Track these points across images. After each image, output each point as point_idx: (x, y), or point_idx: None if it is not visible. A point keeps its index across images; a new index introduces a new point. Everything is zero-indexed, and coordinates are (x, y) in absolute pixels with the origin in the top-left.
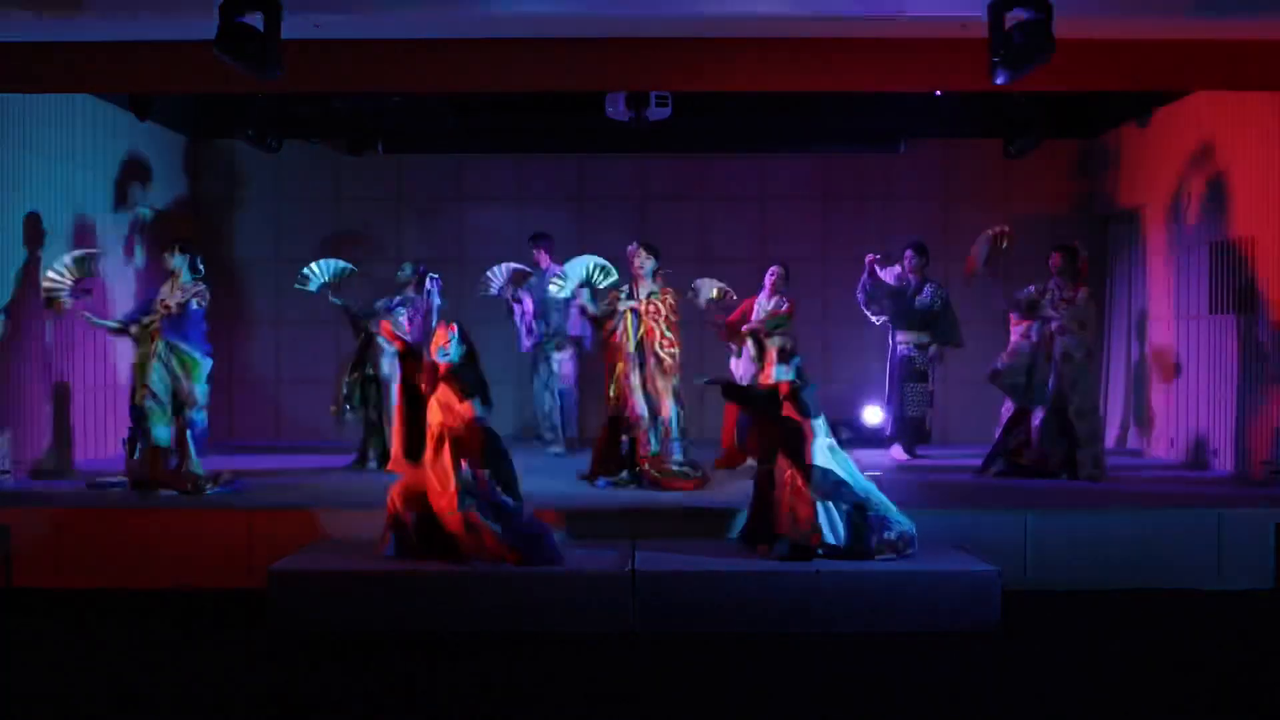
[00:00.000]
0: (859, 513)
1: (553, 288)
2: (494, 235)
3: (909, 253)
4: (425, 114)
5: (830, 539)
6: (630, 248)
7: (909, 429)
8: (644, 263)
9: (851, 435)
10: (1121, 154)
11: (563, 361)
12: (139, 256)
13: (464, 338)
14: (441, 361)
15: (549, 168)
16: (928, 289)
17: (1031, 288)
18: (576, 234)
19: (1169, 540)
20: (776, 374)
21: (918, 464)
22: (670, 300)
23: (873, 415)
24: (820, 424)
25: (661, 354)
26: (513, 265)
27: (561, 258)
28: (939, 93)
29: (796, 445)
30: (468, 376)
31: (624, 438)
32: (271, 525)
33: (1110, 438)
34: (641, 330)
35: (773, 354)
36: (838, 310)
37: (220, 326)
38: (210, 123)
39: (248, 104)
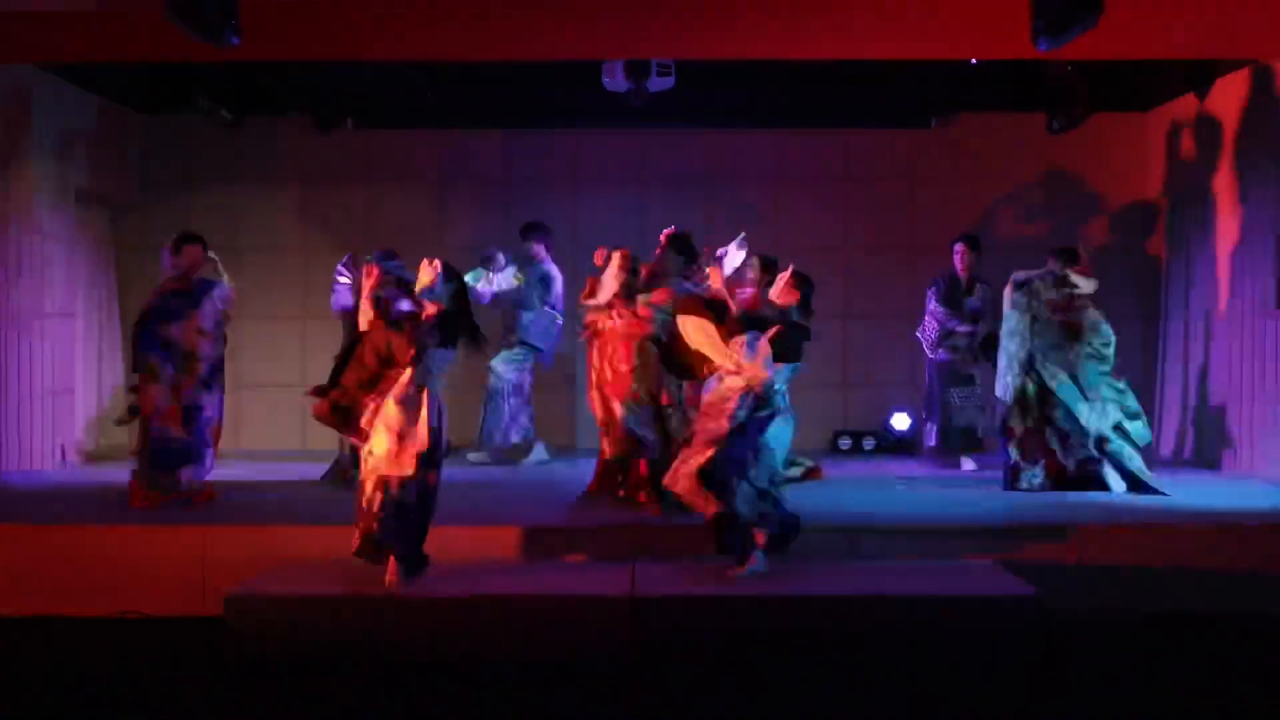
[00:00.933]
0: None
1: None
2: (478, 219)
3: (960, 247)
4: (401, 86)
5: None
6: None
7: (958, 439)
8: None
9: (876, 444)
10: (1178, 130)
11: (509, 366)
12: None
13: (451, 274)
14: (430, 302)
15: (539, 145)
16: (980, 290)
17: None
18: (570, 219)
19: (1233, 559)
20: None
21: (959, 474)
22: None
23: (900, 421)
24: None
25: None
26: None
27: (558, 244)
28: (974, 61)
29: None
30: (447, 324)
31: None
32: (229, 545)
33: (1166, 448)
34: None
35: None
36: (859, 304)
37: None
38: (161, 96)
39: (203, 75)
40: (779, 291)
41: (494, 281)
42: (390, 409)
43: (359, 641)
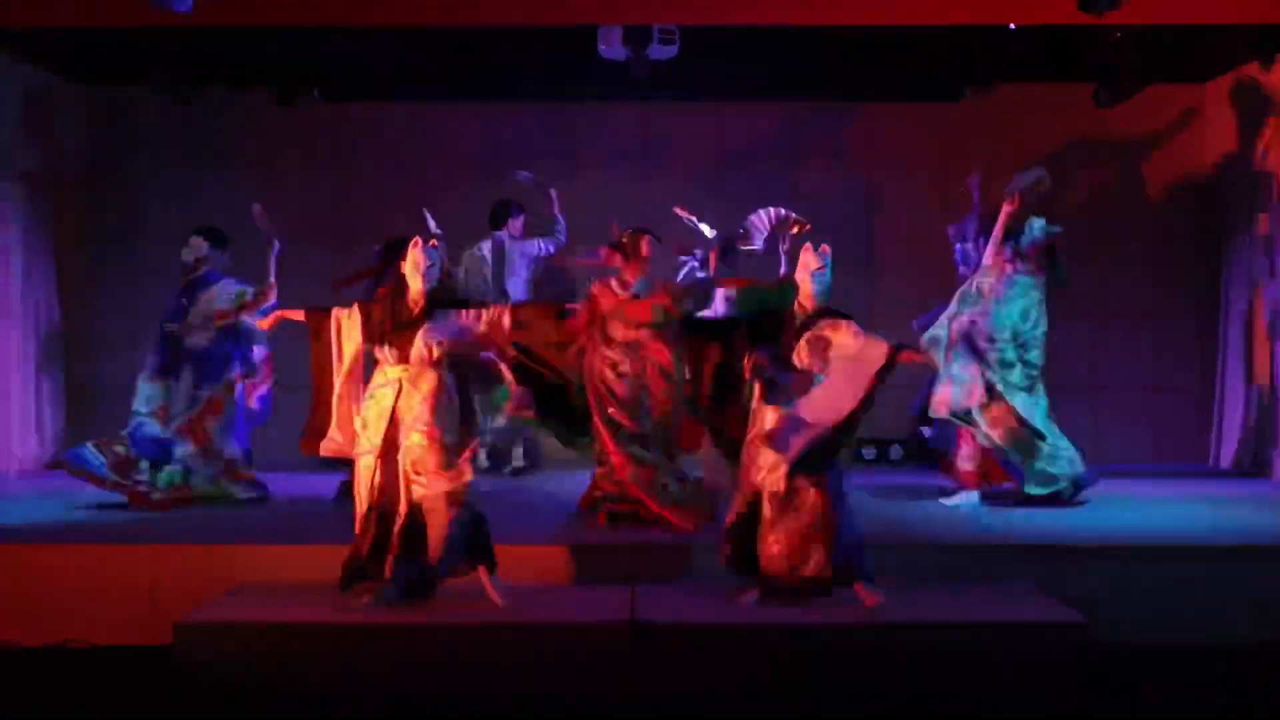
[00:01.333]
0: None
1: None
2: (458, 202)
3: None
4: (373, 54)
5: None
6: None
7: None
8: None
9: (904, 453)
10: (1240, 102)
11: None
12: None
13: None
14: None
15: (527, 119)
16: None
17: None
18: (565, 199)
19: None
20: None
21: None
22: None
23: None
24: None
25: None
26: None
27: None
28: (1012, 26)
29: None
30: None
31: None
32: (180, 566)
33: (1226, 457)
34: None
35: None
36: (883, 296)
37: (121, 321)
38: (106, 67)
39: (153, 43)
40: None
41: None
42: (422, 416)
43: (326, 673)
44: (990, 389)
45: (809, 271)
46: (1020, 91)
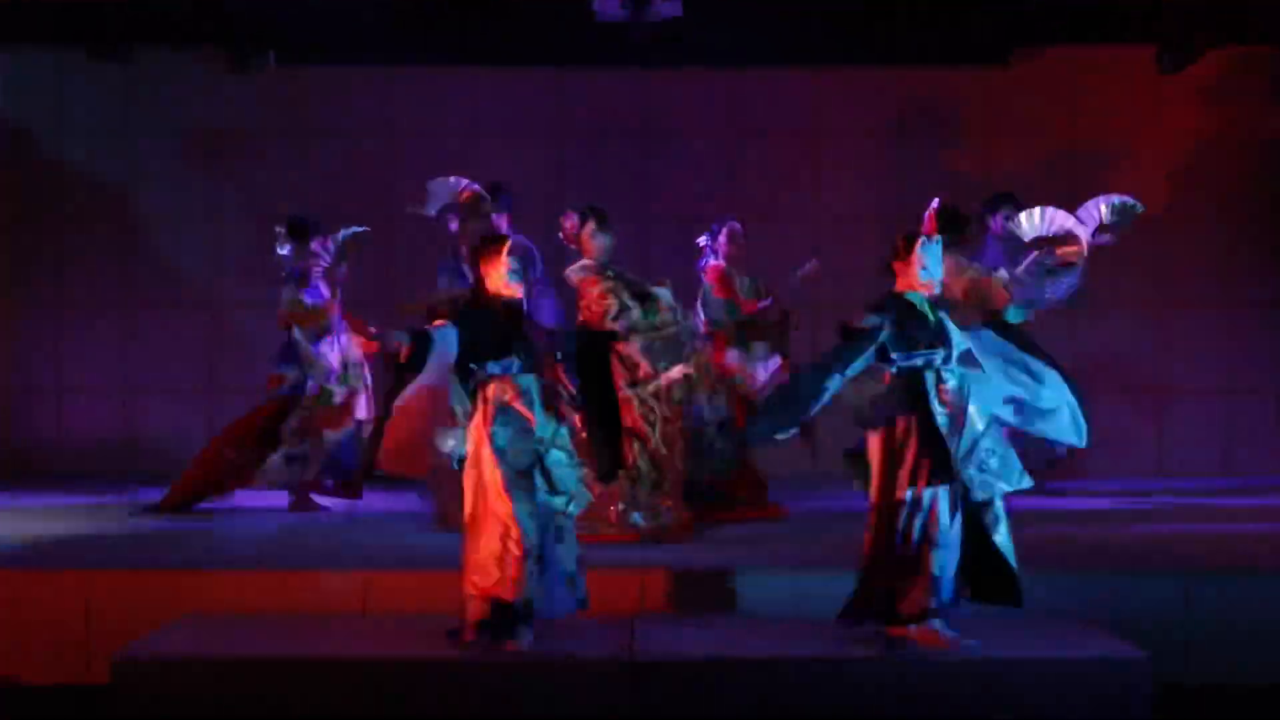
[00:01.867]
0: None
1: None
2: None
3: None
4: (337, 12)
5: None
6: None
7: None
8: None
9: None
10: None
11: None
12: None
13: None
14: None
15: (513, 87)
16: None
17: None
18: (556, 180)
19: None
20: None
21: (1045, 505)
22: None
23: None
24: None
25: None
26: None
27: (536, 215)
28: None
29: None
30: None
31: None
32: (119, 594)
33: None
34: None
35: None
36: None
37: (45, 314)
38: (27, 23)
39: None
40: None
41: None
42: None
43: (287, 714)
44: None
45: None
46: (1073, 55)
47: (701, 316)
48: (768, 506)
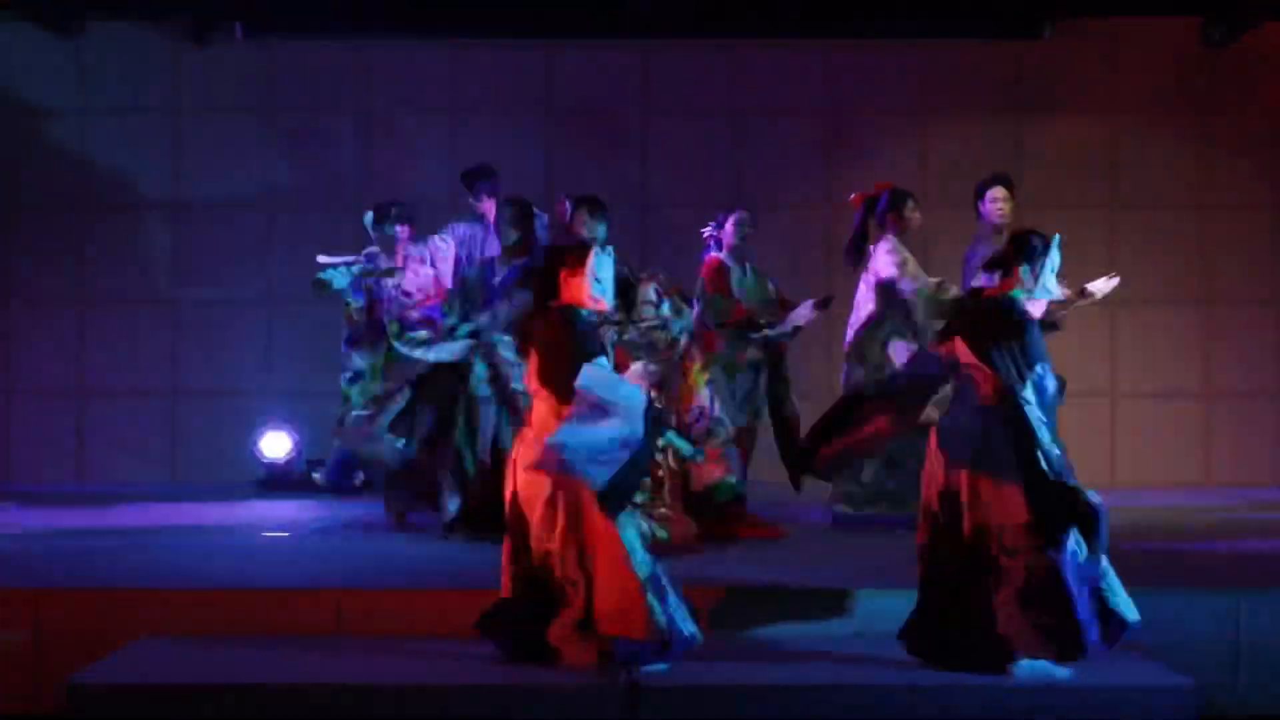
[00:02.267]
0: None
1: None
2: (415, 162)
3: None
4: None
5: None
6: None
7: None
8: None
9: None
10: None
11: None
12: None
13: None
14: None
15: (502, 61)
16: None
17: None
18: (543, 162)
19: None
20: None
21: None
22: None
23: None
24: None
25: None
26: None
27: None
28: None
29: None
30: None
31: None
32: (71, 615)
33: None
34: None
35: None
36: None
37: None
38: None
39: None
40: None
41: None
42: None
43: None
44: None
45: None
46: (1112, 27)
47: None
48: (768, 525)
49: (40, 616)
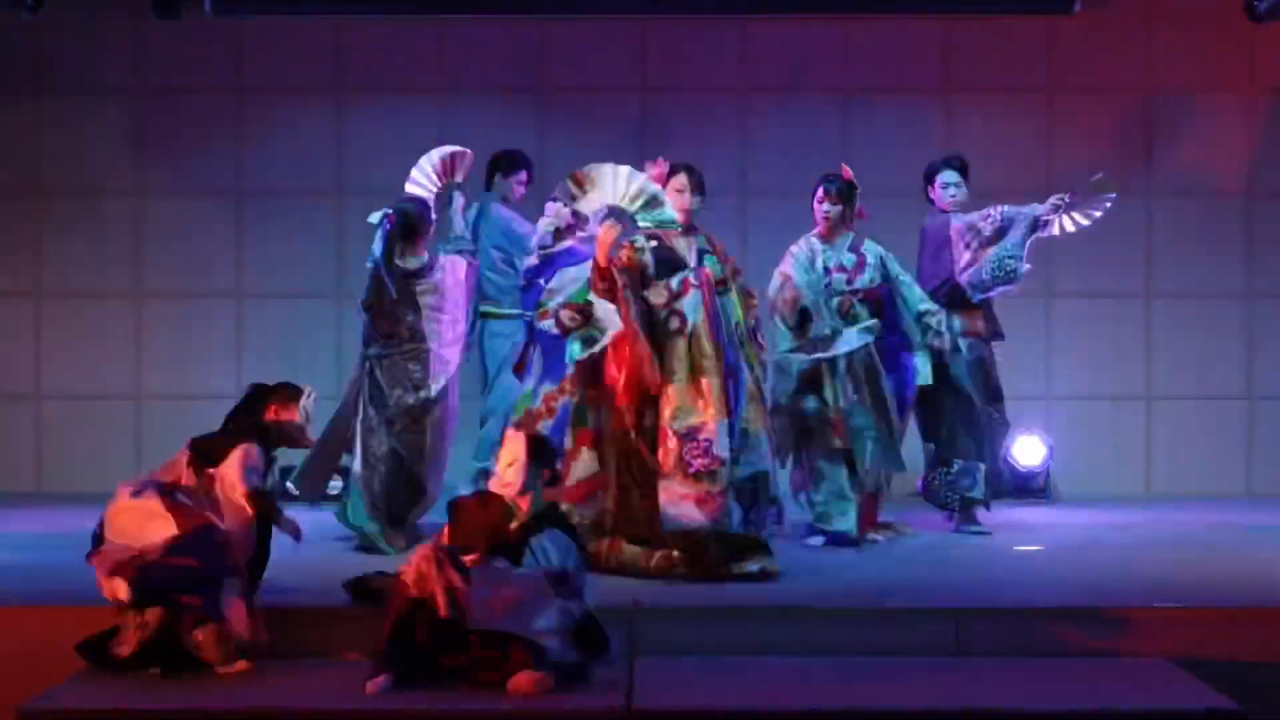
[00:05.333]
0: None
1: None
2: (398, 145)
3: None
4: None
5: None
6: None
7: (995, 480)
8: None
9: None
10: None
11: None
12: None
13: None
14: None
15: (490, 37)
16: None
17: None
18: (535, 143)
19: None
20: None
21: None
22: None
23: (1028, 452)
24: None
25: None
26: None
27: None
28: None
29: None
30: None
31: None
32: (20, 632)
33: None
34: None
35: None
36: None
37: None
38: None
39: None
40: None
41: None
42: None
43: None
44: None
45: None
46: (1149, 1)
47: None
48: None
49: None
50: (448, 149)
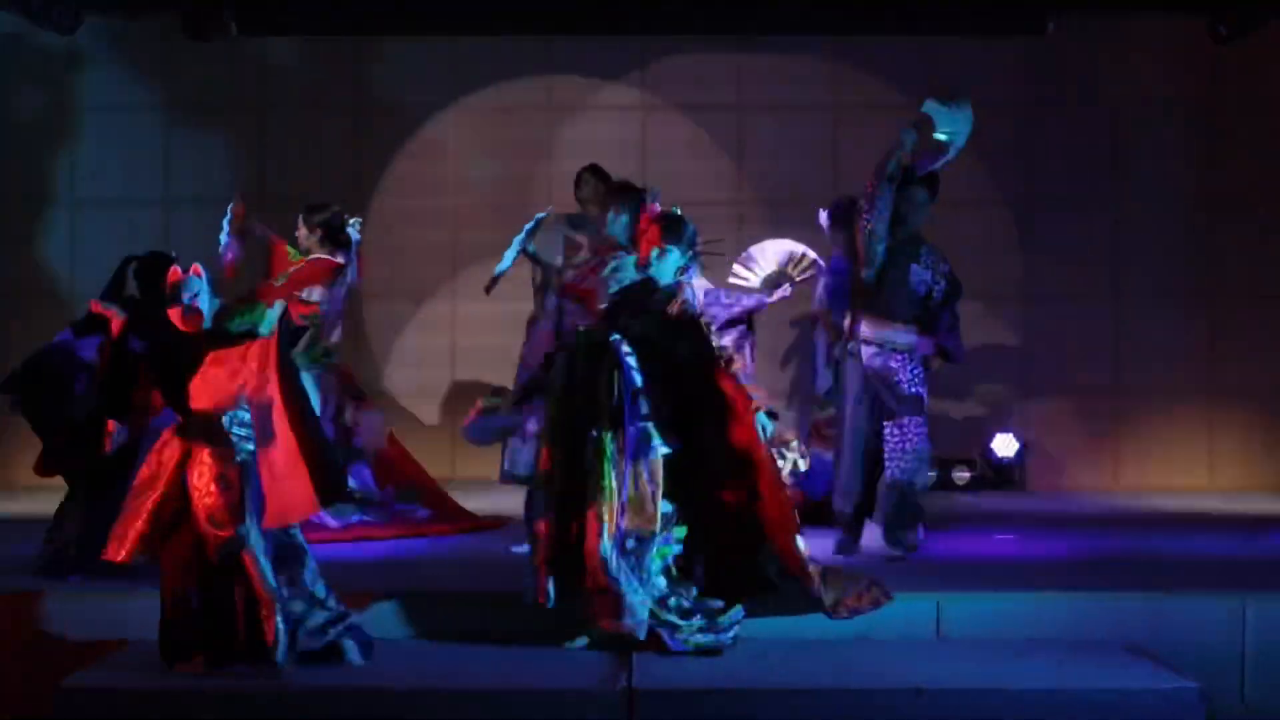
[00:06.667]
0: None
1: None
2: (410, 161)
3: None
4: None
5: None
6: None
7: (903, 504)
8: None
9: (971, 476)
10: None
11: None
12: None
13: None
14: None
15: (500, 58)
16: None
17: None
18: (545, 155)
19: None
20: None
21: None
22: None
23: (1005, 445)
24: None
25: None
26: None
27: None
28: None
29: None
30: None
31: None
32: (60, 619)
33: None
34: None
35: None
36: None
37: None
38: None
39: None
40: None
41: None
42: None
43: None
44: None
45: None
46: (1117, 24)
47: None
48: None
49: (29, 621)
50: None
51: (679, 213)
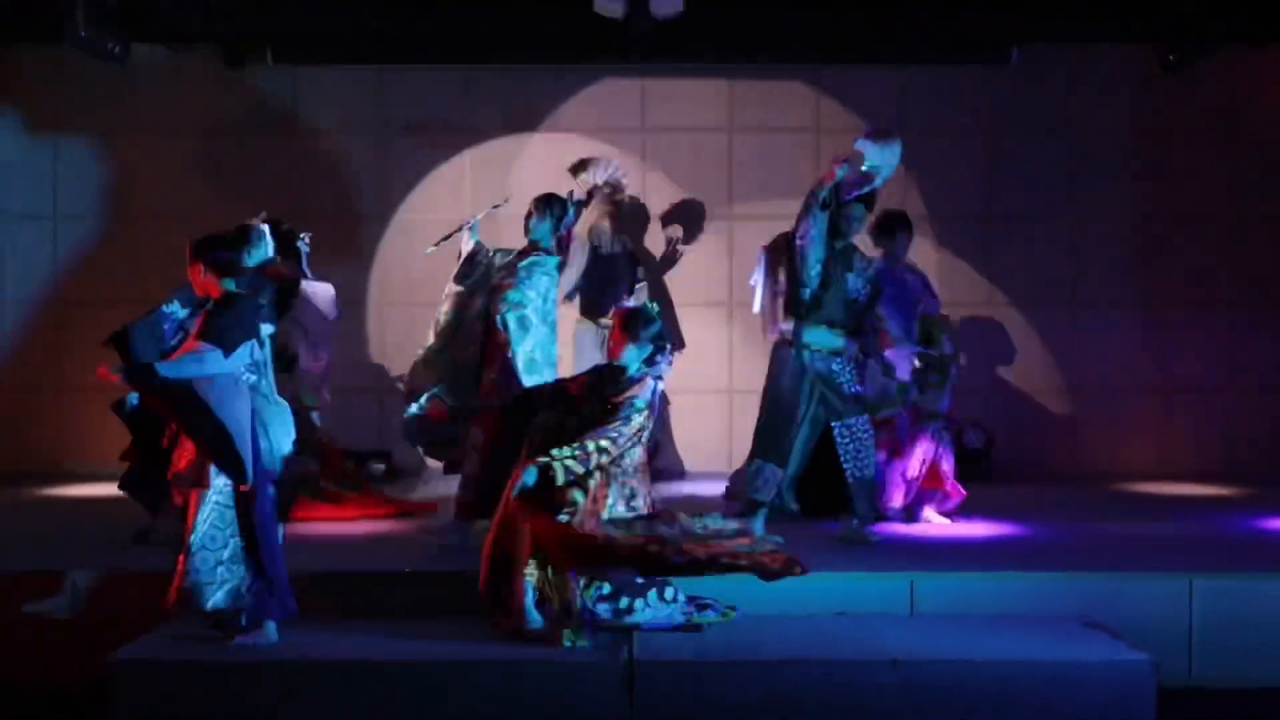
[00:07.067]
0: None
1: None
2: (431, 180)
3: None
4: (333, 9)
5: None
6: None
7: (870, 497)
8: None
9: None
10: None
11: None
12: None
13: None
14: None
15: (512, 86)
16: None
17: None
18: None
19: None
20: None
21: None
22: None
23: (973, 437)
24: None
25: None
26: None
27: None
28: None
29: None
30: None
31: None
32: (113, 594)
33: None
34: None
35: None
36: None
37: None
38: (21, 22)
39: None
40: None
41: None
42: None
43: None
44: None
45: None
46: (1076, 53)
47: None
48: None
49: (85, 596)
50: None
51: (648, 308)
